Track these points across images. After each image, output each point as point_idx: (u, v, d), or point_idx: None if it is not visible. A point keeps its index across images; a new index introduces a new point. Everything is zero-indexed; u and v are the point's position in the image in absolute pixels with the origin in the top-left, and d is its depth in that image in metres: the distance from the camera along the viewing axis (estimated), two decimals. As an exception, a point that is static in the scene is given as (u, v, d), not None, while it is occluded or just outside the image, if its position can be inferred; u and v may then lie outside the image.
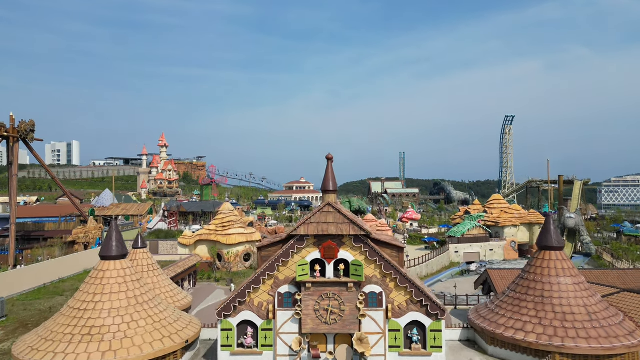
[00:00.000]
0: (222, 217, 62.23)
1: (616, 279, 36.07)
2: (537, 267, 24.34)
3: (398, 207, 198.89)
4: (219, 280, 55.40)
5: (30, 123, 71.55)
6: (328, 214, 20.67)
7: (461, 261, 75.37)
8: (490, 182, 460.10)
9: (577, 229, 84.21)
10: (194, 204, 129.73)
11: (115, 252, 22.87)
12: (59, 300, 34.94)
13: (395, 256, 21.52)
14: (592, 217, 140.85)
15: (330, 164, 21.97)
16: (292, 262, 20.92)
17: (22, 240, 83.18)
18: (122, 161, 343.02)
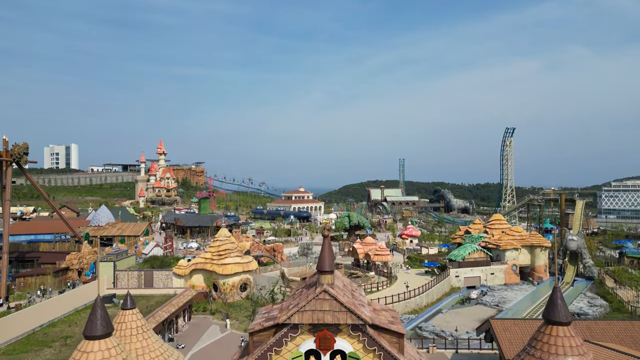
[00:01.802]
0: (218, 244, 61.00)
1: (623, 331, 34.88)
2: (543, 344, 23.05)
3: (397, 217, 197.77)
4: (215, 313, 54.20)
5: (23, 146, 70.34)
6: (324, 302, 19.45)
7: (462, 286, 74.18)
8: (490, 185, 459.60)
9: (579, 252, 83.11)
10: (191, 218, 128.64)
11: (100, 332, 21.55)
12: (47, 355, 33.69)
13: (395, 342, 20.28)
14: (594, 232, 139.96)
15: (327, 241, 20.78)
16: (285, 349, 19.69)
17: (16, 262, 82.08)
18: (120, 167, 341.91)
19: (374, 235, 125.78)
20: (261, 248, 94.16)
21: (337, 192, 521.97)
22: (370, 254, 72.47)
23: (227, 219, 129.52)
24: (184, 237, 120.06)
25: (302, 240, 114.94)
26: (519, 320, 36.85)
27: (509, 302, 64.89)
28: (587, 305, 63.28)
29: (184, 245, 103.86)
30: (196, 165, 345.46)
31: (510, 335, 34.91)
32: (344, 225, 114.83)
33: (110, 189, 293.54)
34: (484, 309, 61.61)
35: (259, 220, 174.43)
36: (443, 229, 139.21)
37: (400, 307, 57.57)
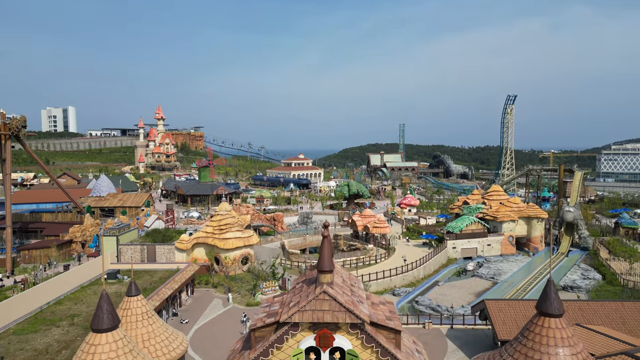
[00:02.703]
0: (219, 218, 61.73)
1: (613, 312, 35.97)
2: (535, 334, 23.77)
3: (397, 183, 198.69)
4: (217, 287, 55.49)
5: (21, 119, 69.98)
6: (323, 302, 20.03)
7: (459, 257, 75.57)
8: (490, 148, 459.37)
9: (575, 223, 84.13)
10: (192, 186, 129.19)
11: (107, 325, 22.23)
12: (55, 335, 34.80)
13: (392, 338, 21.03)
14: (591, 200, 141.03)
15: (327, 241, 21.16)
16: (286, 345, 20.46)
17: (20, 232, 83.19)
18: (118, 132, 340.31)
19: (373, 203, 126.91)
20: (262, 217, 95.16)
21: (336, 156, 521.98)
22: (369, 226, 73.43)
23: (227, 187, 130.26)
24: (185, 206, 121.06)
25: (302, 209, 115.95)
26: (513, 301, 37.90)
27: (505, 274, 66.35)
28: (580, 277, 64.71)
29: (185, 215, 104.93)
30: (195, 129, 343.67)
31: (504, 315, 36.02)
32: (343, 194, 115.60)
33: (109, 154, 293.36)
34: (480, 282, 63.09)
35: (258, 187, 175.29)
36: (442, 197, 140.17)
37: (397, 280, 58.92)
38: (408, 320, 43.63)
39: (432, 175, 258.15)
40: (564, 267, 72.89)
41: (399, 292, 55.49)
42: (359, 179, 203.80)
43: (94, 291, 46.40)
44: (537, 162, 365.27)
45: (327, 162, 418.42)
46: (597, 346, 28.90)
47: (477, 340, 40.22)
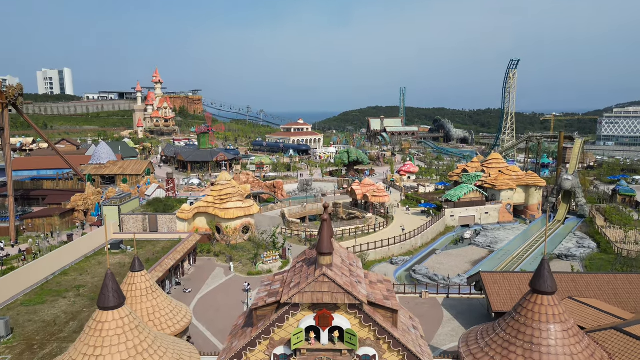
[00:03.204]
0: (220, 188, 62.12)
1: (605, 284, 36.88)
2: (527, 311, 24.64)
3: (396, 148, 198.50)
4: (218, 255, 56.54)
5: (18, 87, 69.28)
6: (323, 284, 20.62)
7: (456, 225, 76.56)
8: (491, 111, 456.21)
9: (573, 191, 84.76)
10: (191, 152, 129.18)
11: (112, 303, 22.92)
12: (62, 307, 35.83)
13: (389, 317, 21.78)
14: (590, 166, 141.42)
15: (326, 224, 21.55)
16: (287, 324, 21.21)
17: (22, 200, 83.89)
18: (116, 95, 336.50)
19: (373, 170, 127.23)
20: (262, 185, 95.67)
21: (336, 119, 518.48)
22: (369, 195, 74.01)
23: (226, 154, 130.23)
24: (185, 173, 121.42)
25: (302, 176, 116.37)
26: (507, 273, 38.79)
27: (501, 243, 67.44)
28: (575, 245, 65.80)
29: (185, 182, 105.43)
30: (193, 93, 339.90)
31: (499, 287, 36.98)
32: (342, 161, 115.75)
33: (107, 118, 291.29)
34: (477, 250, 64.21)
35: (258, 152, 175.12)
36: (441, 164, 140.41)
37: (396, 249, 59.98)
38: (405, 290, 44.77)
39: (432, 139, 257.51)
40: (560, 235, 74.00)
41: (396, 261, 56.61)
42: (359, 144, 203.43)
43: (98, 261, 47.34)
44: (538, 125, 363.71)
45: (326, 125, 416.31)
46: (587, 320, 29.87)
47: (473, 309, 41.41)
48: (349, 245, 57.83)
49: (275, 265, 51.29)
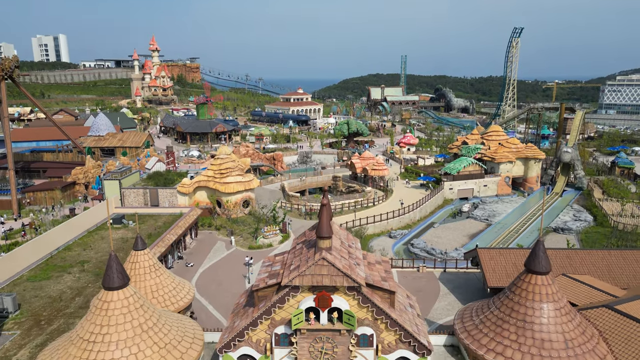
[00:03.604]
0: (220, 162, 62.26)
1: (599, 260, 37.58)
2: (522, 290, 25.35)
3: (397, 119, 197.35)
4: (219, 229, 57.23)
5: (14, 59, 68.43)
6: (322, 267, 21.15)
7: (455, 198, 77.17)
8: (492, 79, 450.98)
9: (572, 163, 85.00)
10: (190, 123, 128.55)
11: (117, 284, 23.58)
12: (67, 282, 36.59)
13: (386, 297, 22.44)
14: (590, 137, 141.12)
15: (325, 209, 21.91)
16: (287, 305, 21.87)
17: (22, 172, 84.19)
18: (112, 63, 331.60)
19: (372, 142, 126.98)
20: (261, 157, 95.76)
21: (336, 87, 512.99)
22: (368, 169, 74.24)
23: (225, 125, 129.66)
24: (185, 144, 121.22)
25: (301, 148, 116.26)
26: (504, 249, 39.42)
27: (499, 216, 68.17)
28: (571, 219, 66.57)
29: (185, 153, 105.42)
30: (191, 60, 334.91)
31: (495, 264, 37.70)
32: (342, 133, 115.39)
33: (104, 87, 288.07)
34: (474, 223, 64.98)
35: (257, 123, 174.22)
36: (441, 135, 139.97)
37: (394, 223, 60.69)
38: (403, 264, 45.59)
39: (432, 109, 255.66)
40: (557, 207, 74.69)
41: (395, 235, 57.40)
42: (359, 114, 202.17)
43: (101, 236, 48.00)
44: (540, 93, 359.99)
45: (326, 93, 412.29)
46: (580, 297, 30.67)
47: (469, 283, 42.29)
48: (348, 220, 58.49)
49: (275, 239, 52.02)
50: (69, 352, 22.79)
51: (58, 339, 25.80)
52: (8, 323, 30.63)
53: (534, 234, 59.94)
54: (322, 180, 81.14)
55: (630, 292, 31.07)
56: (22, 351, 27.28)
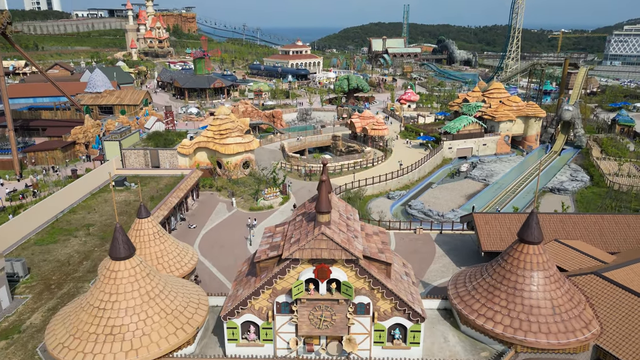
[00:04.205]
0: (219, 123, 62.13)
1: (592, 224, 38.54)
2: (514, 259, 26.33)
3: (398, 73, 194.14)
4: (220, 190, 58.03)
5: (5, 15, 66.73)
6: (321, 242, 21.92)
7: (454, 157, 77.56)
8: (497, 28, 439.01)
9: (572, 122, 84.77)
10: (188, 78, 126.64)
11: (124, 254, 24.50)
12: (74, 247, 37.65)
13: (383, 269, 23.36)
14: (593, 92, 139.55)
15: (324, 185, 22.43)
16: (288, 276, 22.84)
17: (22, 130, 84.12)
18: (106, 12, 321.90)
19: (373, 97, 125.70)
20: (260, 115, 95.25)
21: (336, 37, 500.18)
22: (368, 128, 74.10)
23: (223, 80, 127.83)
24: (183, 100, 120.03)
25: (301, 105, 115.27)
26: (499, 214, 40.30)
27: (496, 175, 68.81)
28: (568, 179, 67.23)
29: (183, 110, 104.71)
30: (186, 10, 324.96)
31: (490, 228, 38.66)
32: (342, 89, 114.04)
33: (99, 37, 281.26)
34: (472, 183, 65.71)
35: (255, 77, 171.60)
36: (442, 90, 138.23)
37: (393, 184, 61.40)
38: (401, 226, 46.64)
39: (435, 61, 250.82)
40: (555, 167, 75.25)
41: (393, 196, 58.25)
42: (360, 67, 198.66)
43: (104, 199, 48.78)
44: (546, 43, 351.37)
45: (326, 43, 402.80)
46: (571, 262, 31.77)
47: (464, 245, 43.46)
48: (348, 181, 59.14)
49: (276, 201, 52.88)
50: (80, 318, 24.00)
51: (69, 304, 27.07)
52: (19, 287, 31.88)
53: (531, 195, 60.82)
54: (322, 139, 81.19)
55: (619, 258, 32.15)
56: (35, 315, 28.59)
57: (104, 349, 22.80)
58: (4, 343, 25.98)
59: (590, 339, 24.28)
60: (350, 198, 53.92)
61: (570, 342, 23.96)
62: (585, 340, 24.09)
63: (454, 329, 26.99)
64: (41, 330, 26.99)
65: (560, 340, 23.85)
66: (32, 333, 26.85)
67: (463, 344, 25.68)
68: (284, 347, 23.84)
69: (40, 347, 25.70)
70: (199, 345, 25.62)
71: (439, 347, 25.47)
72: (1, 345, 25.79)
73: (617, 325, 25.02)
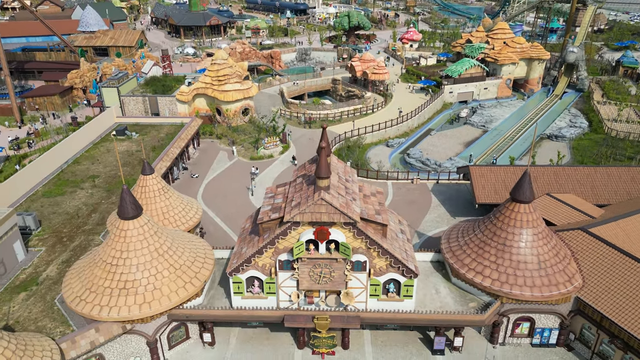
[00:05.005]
0: (217, 68, 61.31)
1: (585, 177, 39.50)
2: (505, 217, 27.56)
3: (401, 7, 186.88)
4: (221, 138, 58.51)
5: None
6: (321, 206, 22.94)
7: (454, 101, 77.11)
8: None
9: (576, 64, 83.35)
10: (183, 16, 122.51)
11: (132, 214, 25.68)
12: (81, 198, 38.73)
13: (379, 229, 24.62)
14: (600, 29, 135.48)
15: (323, 152, 23.10)
16: (290, 236, 24.13)
17: (17, 73, 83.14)
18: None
19: (374, 35, 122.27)
20: (258, 55, 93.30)
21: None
22: (368, 72, 73.04)
23: (219, 17, 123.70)
24: (178, 38, 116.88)
25: (300, 44, 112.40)
26: (494, 167, 41.06)
27: (496, 121, 68.88)
28: (567, 125, 67.40)
29: (179, 50, 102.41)
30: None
31: (485, 181, 39.69)
32: (343, 27, 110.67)
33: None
34: (471, 130, 65.96)
35: (252, 11, 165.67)
36: (446, 28, 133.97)
37: (392, 131, 61.68)
38: (399, 176, 47.67)
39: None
40: (555, 111, 75.07)
41: (392, 144, 58.76)
42: (361, 1, 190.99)
43: (106, 149, 49.37)
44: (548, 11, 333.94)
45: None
46: (560, 217, 33.08)
47: (460, 195, 44.74)
48: (347, 129, 59.43)
49: (276, 150, 53.53)
50: (94, 274, 25.61)
51: (81, 257, 28.64)
52: (32, 240, 33.38)
53: (528, 142, 61.32)
54: (322, 83, 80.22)
55: (607, 212, 33.43)
56: (50, 267, 30.26)
57: (119, 302, 24.58)
58: (24, 295, 27.76)
59: (572, 291, 26.04)
60: (350, 147, 54.54)
61: (553, 295, 25.74)
62: (567, 293, 25.85)
63: (445, 281, 28.77)
64: (57, 282, 28.67)
65: (543, 293, 25.61)
66: (50, 285, 28.58)
67: (453, 295, 27.53)
68: (286, 300, 25.65)
69: (58, 299, 27.47)
70: (207, 297, 27.48)
71: (431, 298, 27.33)
72: (21, 297, 27.59)
73: (599, 279, 26.68)
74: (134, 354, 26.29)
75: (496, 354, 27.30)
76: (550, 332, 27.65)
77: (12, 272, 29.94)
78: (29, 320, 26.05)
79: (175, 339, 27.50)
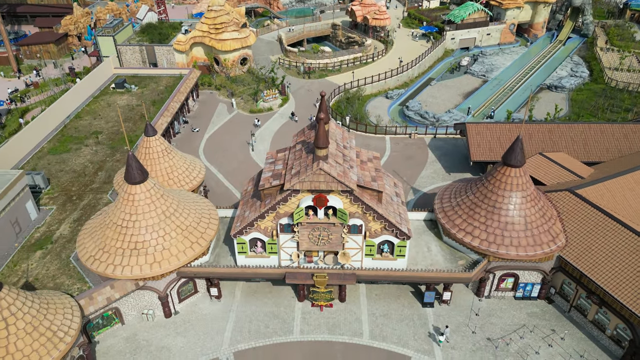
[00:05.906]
0: (214, 16, 59.99)
1: (578, 134, 40.26)
2: (496, 180, 28.74)
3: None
4: (220, 89, 58.43)
5: None
6: (319, 176, 24.03)
7: (456, 48, 75.89)
8: None
9: (582, 8, 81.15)
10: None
11: (139, 179, 26.84)
12: (87, 156, 39.61)
13: (375, 196, 25.88)
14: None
15: (322, 122, 23.86)
16: (290, 202, 25.45)
17: (9, 17, 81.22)
18: None
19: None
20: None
21: None
22: (369, 17, 71.26)
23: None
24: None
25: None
26: (491, 124, 41.57)
27: (497, 70, 68.23)
28: (568, 74, 66.88)
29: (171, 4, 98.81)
30: None
31: (480, 138, 40.49)
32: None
33: None
34: (471, 80, 65.51)
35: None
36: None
37: (392, 82, 61.38)
38: (397, 130, 48.33)
39: None
40: (558, 58, 74.13)
41: (391, 95, 58.72)
42: None
43: (107, 102, 49.61)
44: None
45: None
46: (550, 177, 34.28)
47: (456, 150, 45.66)
48: (347, 80, 59.17)
49: (275, 103, 53.72)
50: (106, 235, 27.21)
51: (92, 217, 30.14)
52: (43, 198, 34.75)
53: (528, 92, 61.22)
54: (321, 28, 78.34)
55: (595, 173, 34.58)
56: (63, 226, 31.83)
57: (131, 262, 26.34)
58: (40, 253, 29.52)
59: (555, 251, 27.77)
60: (349, 99, 54.67)
61: (537, 254, 27.49)
62: (550, 252, 27.59)
63: (437, 239, 30.47)
64: (71, 240, 30.34)
65: (528, 252, 27.35)
66: (64, 243, 30.27)
67: (443, 253, 29.31)
68: (287, 259, 27.43)
69: (73, 257, 29.26)
70: (213, 255, 29.27)
71: (422, 256, 29.12)
72: (38, 255, 29.36)
73: (581, 238, 28.32)
74: (147, 307, 28.44)
75: (482, 306, 29.52)
76: (533, 287, 29.72)
77: (27, 230, 31.54)
78: (47, 277, 27.93)
79: (185, 293, 29.60)
